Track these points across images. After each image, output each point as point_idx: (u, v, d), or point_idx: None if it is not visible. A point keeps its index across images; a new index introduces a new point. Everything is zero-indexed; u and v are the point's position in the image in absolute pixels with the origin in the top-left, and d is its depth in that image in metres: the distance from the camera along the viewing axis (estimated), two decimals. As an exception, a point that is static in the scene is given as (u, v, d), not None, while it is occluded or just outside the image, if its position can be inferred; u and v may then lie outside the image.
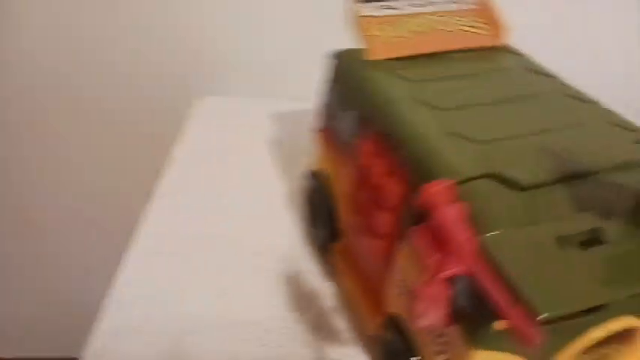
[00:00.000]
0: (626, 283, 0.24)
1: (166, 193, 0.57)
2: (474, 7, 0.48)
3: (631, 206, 0.28)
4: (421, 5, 0.47)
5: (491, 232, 0.27)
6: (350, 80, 0.43)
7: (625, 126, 0.36)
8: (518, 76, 0.42)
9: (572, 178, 0.31)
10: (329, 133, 0.48)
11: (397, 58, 0.44)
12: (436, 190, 0.24)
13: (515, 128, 0.35)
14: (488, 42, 0.46)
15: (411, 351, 0.36)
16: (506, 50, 0.46)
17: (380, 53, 0.43)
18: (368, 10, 0.45)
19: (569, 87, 0.41)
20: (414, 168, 0.33)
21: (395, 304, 0.39)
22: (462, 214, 0.24)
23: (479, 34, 0.46)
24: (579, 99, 0.39)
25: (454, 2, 0.48)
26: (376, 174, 0.37)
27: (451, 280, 0.28)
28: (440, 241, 0.24)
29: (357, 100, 0.41)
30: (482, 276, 0.22)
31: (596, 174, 0.31)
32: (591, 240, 0.26)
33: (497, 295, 0.22)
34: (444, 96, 0.38)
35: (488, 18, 0.47)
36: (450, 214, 0.23)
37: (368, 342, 0.43)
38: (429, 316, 0.27)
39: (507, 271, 0.24)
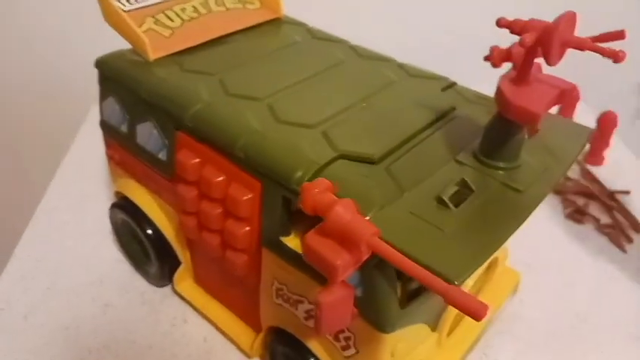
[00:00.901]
0: (503, 226, 0.26)
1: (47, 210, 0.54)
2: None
3: (475, 145, 0.30)
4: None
5: (371, 212, 0.26)
6: (136, 87, 0.36)
7: (425, 76, 0.38)
8: (311, 48, 0.41)
9: (410, 138, 0.31)
10: (122, 152, 0.41)
11: (178, 52, 0.38)
12: (318, 190, 0.22)
13: (335, 103, 0.34)
14: (265, 16, 0.43)
15: (304, 357, 0.34)
16: (286, 22, 0.44)
17: (160, 51, 0.37)
18: (129, 3, 0.38)
19: (359, 48, 0.41)
20: (261, 168, 0.30)
21: (276, 318, 0.35)
22: (353, 207, 0.22)
23: (253, 9, 0.44)
24: (375, 58, 0.40)
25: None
26: (216, 186, 0.32)
27: (353, 278, 0.27)
28: (342, 240, 0.21)
29: (155, 109, 0.35)
30: (393, 257, 0.21)
31: (428, 127, 0.32)
32: (461, 191, 0.27)
33: (414, 270, 0.21)
34: (253, 84, 0.35)
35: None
36: (344, 211, 0.21)
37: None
38: (335, 322, 0.25)
39: (408, 251, 0.23)
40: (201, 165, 0.33)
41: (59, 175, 0.58)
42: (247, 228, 0.32)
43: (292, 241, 0.32)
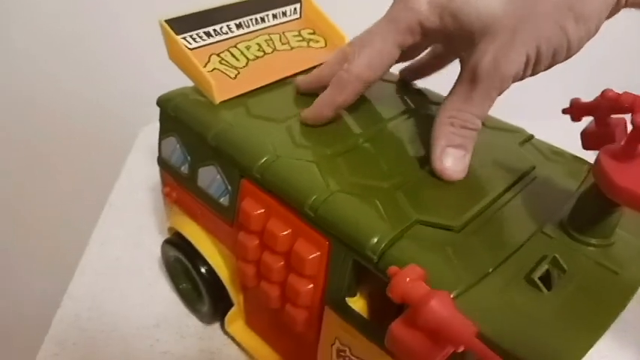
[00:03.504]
0: (601, 315, 0.24)
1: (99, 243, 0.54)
2: (297, 16, 0.44)
3: (562, 215, 0.28)
4: (246, 25, 0.41)
5: (456, 290, 0.24)
6: (201, 131, 0.35)
7: (502, 127, 0.36)
8: (377, 91, 0.39)
9: (491, 203, 0.29)
10: (181, 192, 0.40)
11: (245, 94, 0.37)
12: (410, 279, 0.20)
13: (408, 161, 0.32)
14: (330, 54, 0.42)
15: None
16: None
17: (226, 93, 0.36)
18: (194, 41, 0.37)
19: (427, 92, 0.40)
20: (331, 229, 0.28)
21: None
22: (450, 302, 0.20)
23: (318, 47, 0.42)
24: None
25: (274, 15, 0.43)
26: (281, 239, 0.31)
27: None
28: (433, 334, 0.20)
29: (220, 155, 0.34)
30: (491, 357, 0.19)
31: (509, 189, 0.30)
32: (552, 270, 0.25)
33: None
34: (321, 135, 0.34)
35: (321, 27, 0.43)
36: (441, 308, 0.19)
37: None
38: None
39: (503, 344, 0.21)
40: (265, 216, 0.32)
41: (109, 205, 0.58)
42: (310, 286, 0.31)
43: (357, 302, 0.30)
